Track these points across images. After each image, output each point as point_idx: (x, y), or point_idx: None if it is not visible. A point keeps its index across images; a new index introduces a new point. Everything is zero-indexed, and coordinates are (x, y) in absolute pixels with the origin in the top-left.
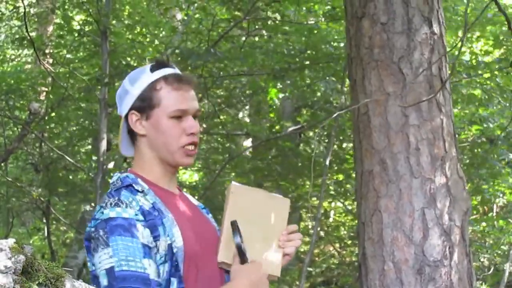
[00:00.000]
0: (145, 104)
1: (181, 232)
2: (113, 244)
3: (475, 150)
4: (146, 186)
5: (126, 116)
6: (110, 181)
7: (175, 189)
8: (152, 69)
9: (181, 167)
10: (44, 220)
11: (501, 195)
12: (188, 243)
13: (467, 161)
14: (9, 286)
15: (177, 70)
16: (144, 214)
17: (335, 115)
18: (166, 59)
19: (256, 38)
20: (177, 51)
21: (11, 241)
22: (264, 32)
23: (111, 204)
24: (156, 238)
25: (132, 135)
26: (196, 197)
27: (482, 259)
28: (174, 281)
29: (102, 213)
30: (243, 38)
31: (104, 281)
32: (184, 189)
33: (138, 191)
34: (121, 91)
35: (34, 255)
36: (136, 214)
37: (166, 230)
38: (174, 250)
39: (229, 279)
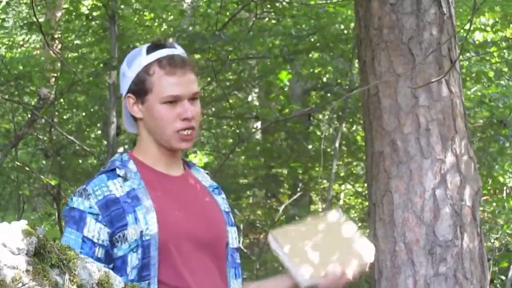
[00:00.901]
0: (139, 89)
1: (159, 218)
2: (64, 235)
3: (486, 133)
4: (135, 169)
5: (125, 98)
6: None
7: (176, 171)
8: (148, 51)
9: (190, 152)
10: (55, 206)
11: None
12: (166, 229)
13: (477, 143)
14: (21, 268)
15: (175, 51)
16: (107, 204)
17: (344, 96)
18: (163, 39)
19: (266, 20)
20: (184, 34)
21: (23, 222)
22: (272, 14)
23: (78, 192)
24: (122, 227)
25: (133, 117)
26: None
27: (493, 240)
28: (143, 268)
29: (72, 199)
30: (251, 22)
31: None
32: (199, 167)
33: (119, 175)
34: (120, 73)
35: (46, 236)
36: (91, 207)
37: (138, 218)
38: (146, 238)
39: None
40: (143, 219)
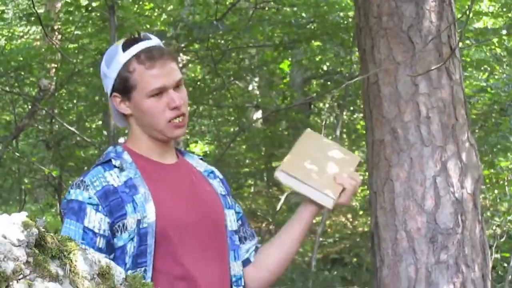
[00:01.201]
0: (123, 87)
1: (157, 207)
2: (64, 226)
3: (487, 121)
4: (130, 159)
5: (110, 97)
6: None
7: (170, 159)
8: (124, 48)
9: (191, 141)
10: (56, 197)
11: None
12: (163, 218)
13: (479, 132)
14: (22, 259)
15: (151, 42)
16: (106, 194)
17: (344, 85)
18: (137, 32)
19: (266, 9)
20: (182, 24)
21: (23, 214)
22: (272, 3)
23: (75, 184)
24: (121, 217)
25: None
26: None
27: (494, 227)
28: (139, 255)
29: (69, 192)
30: (251, 12)
31: None
32: (192, 153)
33: (115, 166)
34: (101, 72)
35: (46, 228)
36: (90, 198)
37: (137, 206)
38: (144, 225)
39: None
40: (141, 208)
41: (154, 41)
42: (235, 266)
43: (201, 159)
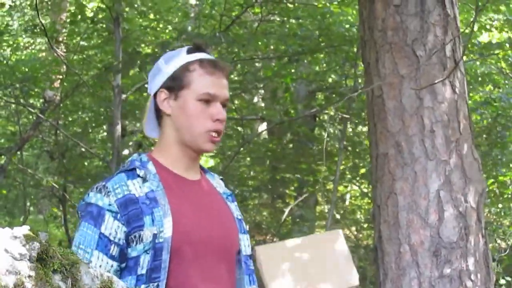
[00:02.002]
0: (175, 84)
1: (174, 223)
2: (80, 229)
3: (491, 135)
4: (154, 170)
5: (156, 94)
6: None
7: (193, 175)
8: (189, 51)
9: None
10: (61, 208)
11: None
12: (180, 234)
13: (483, 146)
14: (24, 273)
15: (212, 57)
16: (126, 203)
17: (347, 97)
18: (204, 43)
19: (272, 19)
20: (184, 36)
21: (25, 228)
22: (276, 17)
23: (97, 188)
24: (139, 228)
25: (158, 115)
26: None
27: (499, 241)
28: (153, 270)
29: (88, 195)
30: (256, 24)
31: None
32: (215, 175)
33: (139, 176)
34: (154, 69)
35: (49, 242)
36: (110, 204)
37: (155, 220)
38: (160, 240)
39: (246, 268)
40: (159, 222)
41: (213, 57)
42: None
43: (221, 179)
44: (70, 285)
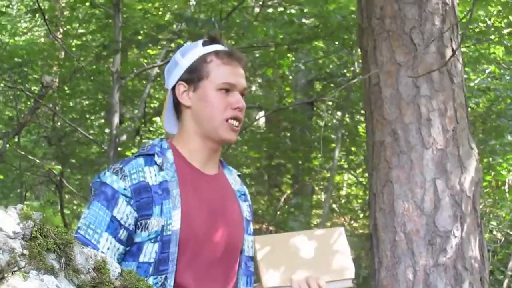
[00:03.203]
0: (193, 76)
1: (184, 215)
2: (91, 207)
3: (486, 123)
4: (172, 159)
5: (174, 88)
6: (145, 143)
7: (211, 169)
8: (204, 44)
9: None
10: (58, 194)
11: None
12: (189, 227)
13: (480, 135)
14: (17, 251)
15: (227, 48)
16: (140, 190)
17: (345, 85)
18: (219, 35)
19: (273, 5)
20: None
21: (19, 207)
22: (277, 2)
23: (114, 169)
24: (147, 216)
25: (178, 109)
26: None
27: (494, 232)
28: (160, 262)
29: (104, 174)
30: (257, 10)
31: None
32: (234, 170)
33: (156, 163)
34: (171, 64)
35: (43, 221)
36: (125, 189)
37: (163, 211)
38: (168, 232)
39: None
40: (167, 214)
41: (227, 48)
42: None
43: (238, 175)
44: (63, 264)
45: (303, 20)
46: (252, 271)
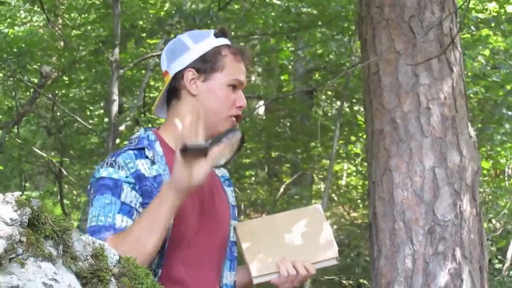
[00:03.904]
0: (207, 66)
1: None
2: (95, 203)
3: (483, 111)
4: (161, 152)
5: (179, 73)
6: (131, 136)
7: None
8: (216, 35)
9: None
10: (57, 184)
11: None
12: (181, 223)
13: (477, 124)
14: (15, 238)
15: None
16: (140, 178)
17: (343, 72)
18: (228, 28)
19: None
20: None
21: (17, 193)
22: None
23: (107, 164)
24: (145, 205)
25: (172, 95)
26: None
27: (494, 221)
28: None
29: (98, 171)
30: None
31: None
32: None
33: (147, 157)
34: (177, 46)
35: (40, 208)
36: (127, 177)
37: None
38: None
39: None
40: None
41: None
42: (229, 276)
43: None
44: (61, 251)
45: (302, 9)
46: (236, 255)
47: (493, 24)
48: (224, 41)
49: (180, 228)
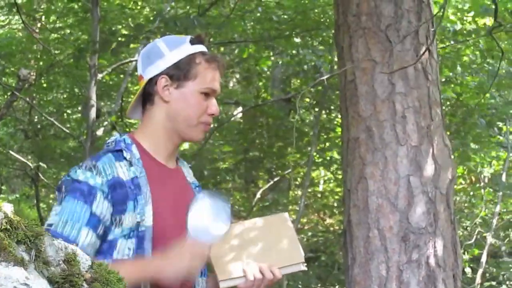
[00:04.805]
0: (180, 73)
1: (155, 211)
2: (65, 204)
3: (456, 117)
4: (138, 155)
5: (152, 79)
6: (107, 140)
7: (172, 163)
8: (192, 42)
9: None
10: (33, 187)
11: (488, 165)
12: (159, 223)
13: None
14: None
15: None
16: (115, 185)
17: (319, 80)
18: (206, 35)
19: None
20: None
21: None
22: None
23: (86, 166)
24: (121, 212)
25: (146, 99)
26: None
27: (469, 229)
28: (137, 258)
29: (75, 172)
30: (232, 5)
31: None
32: (185, 163)
33: (125, 159)
34: (153, 51)
35: (13, 212)
36: (102, 184)
37: (137, 207)
38: (142, 229)
39: None
40: (141, 210)
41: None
42: (200, 281)
43: (190, 167)
44: (33, 256)
45: (283, 16)
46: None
47: (472, 38)
48: (199, 48)
49: (159, 230)
